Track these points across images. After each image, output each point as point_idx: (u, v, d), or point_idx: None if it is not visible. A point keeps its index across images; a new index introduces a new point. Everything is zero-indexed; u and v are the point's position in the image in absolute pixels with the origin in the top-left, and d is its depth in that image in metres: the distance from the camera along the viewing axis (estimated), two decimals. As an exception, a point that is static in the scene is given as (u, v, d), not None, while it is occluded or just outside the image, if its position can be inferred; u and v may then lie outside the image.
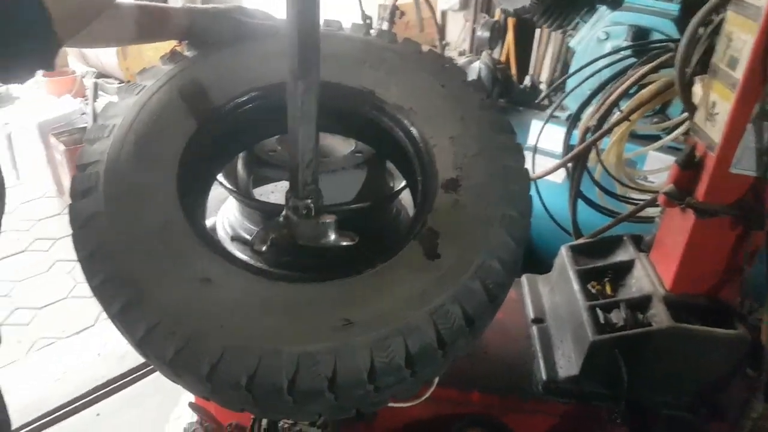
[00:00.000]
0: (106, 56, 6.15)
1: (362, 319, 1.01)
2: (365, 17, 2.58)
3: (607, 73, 1.77)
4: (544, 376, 1.52)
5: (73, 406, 2.66)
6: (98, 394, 2.71)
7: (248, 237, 1.49)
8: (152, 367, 1.22)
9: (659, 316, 1.41)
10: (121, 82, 6.13)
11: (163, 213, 1.13)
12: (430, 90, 1.31)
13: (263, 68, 1.29)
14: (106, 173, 1.15)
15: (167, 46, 1.42)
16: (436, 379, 1.42)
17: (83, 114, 4.91)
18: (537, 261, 1.95)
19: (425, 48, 1.42)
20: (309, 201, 1.16)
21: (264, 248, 1.19)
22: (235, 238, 1.51)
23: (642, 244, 1.65)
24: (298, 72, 1.08)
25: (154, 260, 1.06)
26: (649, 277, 1.53)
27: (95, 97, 4.84)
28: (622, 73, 1.69)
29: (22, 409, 2.64)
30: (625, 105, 1.65)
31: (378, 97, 1.33)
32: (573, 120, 1.79)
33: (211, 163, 1.38)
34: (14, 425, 2.57)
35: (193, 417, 1.55)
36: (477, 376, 1.55)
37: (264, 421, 1.44)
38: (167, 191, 1.16)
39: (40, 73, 6.78)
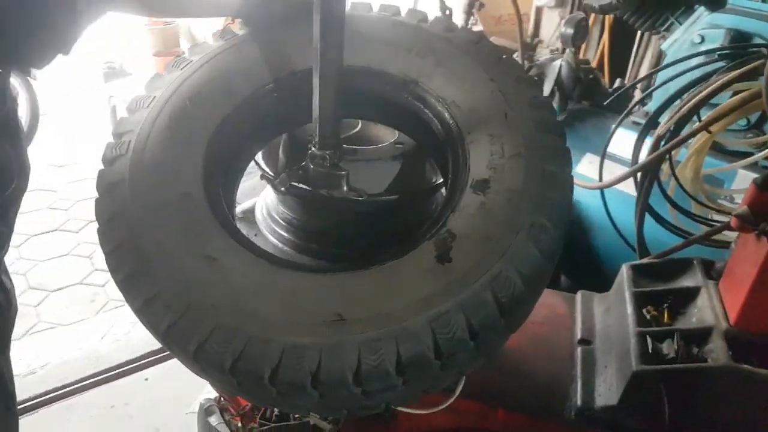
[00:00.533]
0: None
1: (356, 317, 0.95)
2: (444, 8, 2.49)
3: (689, 77, 1.59)
4: (579, 402, 1.39)
5: (122, 369, 2.76)
6: (148, 360, 2.81)
7: (280, 220, 1.47)
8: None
9: (717, 353, 1.26)
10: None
11: (183, 187, 1.12)
12: (478, 83, 1.22)
13: (307, 51, 1.24)
14: (137, 143, 1.17)
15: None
16: (458, 389, 1.35)
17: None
18: (603, 277, 1.80)
19: (485, 38, 1.33)
20: (327, 152, 1.23)
21: (283, 189, 1.30)
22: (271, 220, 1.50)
23: (712, 271, 1.48)
24: (320, 31, 1.13)
25: (165, 233, 1.06)
26: (714, 308, 1.37)
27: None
28: (708, 77, 1.51)
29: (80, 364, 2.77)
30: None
31: (421, 86, 1.26)
32: (646, 126, 1.63)
33: (246, 143, 1.36)
34: (68, 379, 2.72)
35: (213, 393, 1.54)
36: (506, 392, 1.45)
37: (277, 409, 1.41)
38: (191, 166, 1.16)
39: (149, 51, 7.14)
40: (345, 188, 1.24)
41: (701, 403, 1.25)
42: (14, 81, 5.05)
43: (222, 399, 1.50)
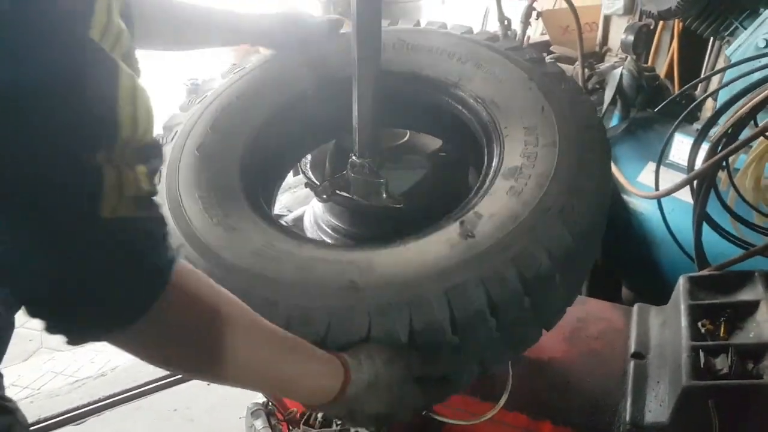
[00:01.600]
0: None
1: (370, 284, 0.95)
2: (503, 18, 2.49)
3: (750, 80, 1.52)
4: (628, 418, 1.35)
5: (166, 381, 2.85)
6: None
7: (326, 228, 1.50)
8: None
9: (774, 369, 1.19)
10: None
11: (218, 176, 1.19)
12: (517, 83, 1.23)
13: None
14: (181, 133, 1.26)
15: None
16: (503, 400, 1.34)
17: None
18: (664, 290, 1.74)
19: (524, 46, 1.35)
20: (366, 160, 1.26)
21: (325, 197, 1.34)
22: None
23: (775, 284, 1.41)
24: (358, 36, 1.16)
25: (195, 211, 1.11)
26: (773, 322, 1.30)
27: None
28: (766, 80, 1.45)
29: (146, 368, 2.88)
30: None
31: (461, 87, 1.28)
32: (702, 131, 1.57)
33: (289, 144, 1.43)
34: (135, 382, 2.83)
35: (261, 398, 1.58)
36: (553, 405, 1.42)
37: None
38: (231, 158, 1.23)
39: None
40: (384, 196, 1.26)
41: (754, 421, 1.19)
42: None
43: (269, 404, 1.53)
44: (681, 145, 2.11)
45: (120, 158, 0.67)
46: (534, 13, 2.61)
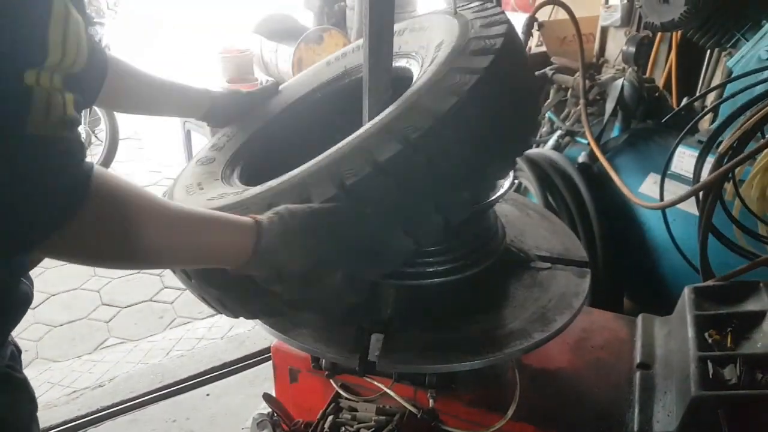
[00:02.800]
0: (283, 66, 6.57)
1: None
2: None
3: (754, 93, 1.53)
4: (636, 428, 1.34)
5: (185, 384, 2.85)
6: (210, 375, 2.89)
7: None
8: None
9: (782, 379, 1.19)
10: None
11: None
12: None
13: None
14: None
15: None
16: (511, 411, 1.35)
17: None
18: (667, 300, 1.74)
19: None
20: None
21: None
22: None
23: (780, 294, 1.41)
24: (369, 46, 1.22)
25: None
26: (780, 332, 1.30)
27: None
28: (773, 93, 1.46)
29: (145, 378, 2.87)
30: (771, 131, 1.42)
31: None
32: (708, 143, 1.58)
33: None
34: (134, 393, 2.80)
35: (266, 409, 1.57)
36: (560, 415, 1.41)
37: (329, 420, 1.42)
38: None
39: (224, 77, 7.46)
40: None
41: (764, 431, 1.19)
42: (97, 108, 5.37)
43: (275, 414, 1.53)
44: (682, 157, 2.12)
45: (47, 82, 0.73)
46: (535, 24, 2.61)
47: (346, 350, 1.21)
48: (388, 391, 1.35)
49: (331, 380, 1.42)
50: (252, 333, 3.18)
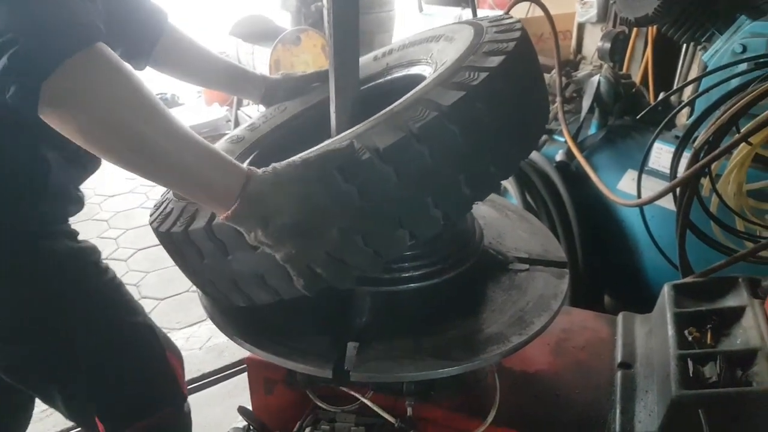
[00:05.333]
0: (261, 69, 6.52)
1: None
2: (479, 27, 2.47)
3: (729, 87, 1.53)
4: (617, 429, 1.33)
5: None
6: (189, 387, 2.80)
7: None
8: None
9: (762, 376, 1.18)
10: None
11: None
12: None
13: None
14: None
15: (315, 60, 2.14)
16: (491, 416, 1.33)
17: (228, 121, 5.23)
18: (648, 297, 1.73)
19: None
20: None
21: None
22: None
23: (759, 289, 1.40)
24: (334, 46, 1.20)
25: None
26: (759, 328, 1.29)
27: (239, 106, 5.13)
28: (747, 86, 1.45)
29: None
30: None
31: None
32: (683, 138, 1.57)
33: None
34: None
35: (242, 423, 1.53)
36: (541, 419, 1.39)
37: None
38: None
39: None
40: None
41: (745, 429, 1.18)
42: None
43: (251, 427, 1.49)
44: (659, 152, 2.12)
45: None
46: (510, 22, 2.59)
47: (320, 361, 1.17)
48: (365, 400, 1.32)
49: (308, 391, 1.39)
50: (231, 343, 3.11)
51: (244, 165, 0.98)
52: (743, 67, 1.74)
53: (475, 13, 2.52)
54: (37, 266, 1.32)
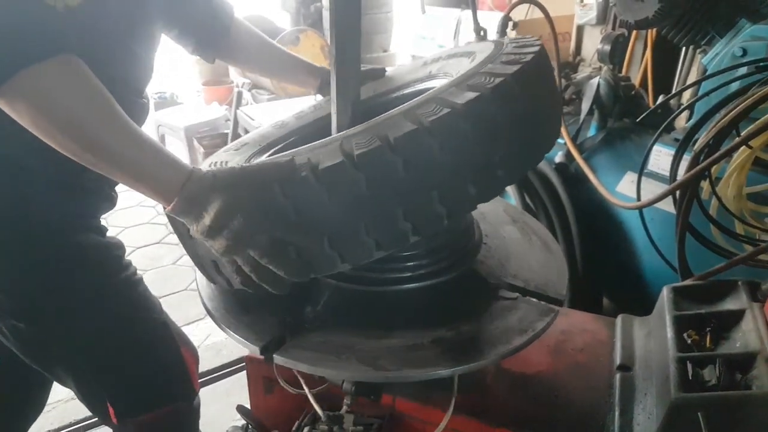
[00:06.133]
0: (260, 69, 6.52)
1: None
2: (479, 29, 2.48)
3: (729, 90, 1.53)
4: (616, 431, 1.33)
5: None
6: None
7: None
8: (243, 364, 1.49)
9: (762, 379, 1.18)
10: (272, 93, 6.47)
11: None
12: None
13: None
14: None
15: (314, 60, 1.89)
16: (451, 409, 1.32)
17: (227, 120, 5.23)
18: (647, 300, 1.74)
19: None
20: None
21: None
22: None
23: (758, 292, 1.40)
24: (335, 48, 1.19)
25: None
26: (759, 331, 1.29)
27: (238, 105, 5.13)
28: (748, 90, 1.45)
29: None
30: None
31: None
32: (683, 141, 1.57)
33: None
34: (88, 411, 2.74)
35: (240, 421, 1.53)
36: (540, 420, 1.39)
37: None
38: None
39: (199, 81, 7.41)
40: None
41: (744, 433, 1.17)
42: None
43: (249, 426, 1.49)
44: (658, 155, 2.12)
45: None
46: (510, 24, 2.60)
47: (255, 337, 1.20)
48: (309, 394, 1.35)
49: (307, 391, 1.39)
50: (229, 341, 3.13)
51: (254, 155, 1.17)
52: (743, 70, 1.74)
53: (475, 14, 2.52)
54: (64, 257, 1.41)
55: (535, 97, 1.13)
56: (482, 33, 2.52)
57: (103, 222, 1.54)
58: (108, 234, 1.54)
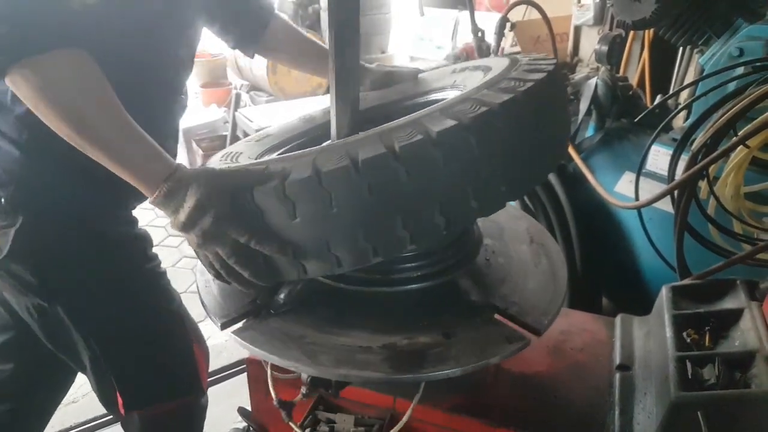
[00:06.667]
0: (258, 71, 6.52)
1: None
2: (476, 30, 2.49)
3: (726, 90, 1.53)
4: (616, 431, 1.33)
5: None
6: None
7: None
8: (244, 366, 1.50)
9: (761, 378, 1.18)
10: (270, 95, 6.47)
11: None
12: None
13: None
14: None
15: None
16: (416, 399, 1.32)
17: (226, 122, 5.23)
18: (646, 299, 1.74)
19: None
20: None
21: None
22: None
23: (757, 291, 1.41)
24: (335, 50, 1.19)
25: None
26: (758, 330, 1.29)
27: (237, 107, 5.13)
28: (745, 89, 1.46)
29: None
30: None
31: None
32: (681, 141, 1.58)
33: None
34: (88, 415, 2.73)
35: (241, 423, 1.54)
36: (539, 420, 1.40)
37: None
38: None
39: (197, 82, 7.41)
40: None
41: (744, 431, 1.18)
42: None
43: (250, 428, 1.49)
44: (656, 155, 2.13)
45: None
46: (508, 25, 2.61)
47: (221, 314, 1.27)
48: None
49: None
50: (229, 343, 3.13)
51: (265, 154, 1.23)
52: (740, 70, 1.75)
53: (473, 15, 2.53)
54: (93, 246, 1.47)
55: (543, 117, 1.13)
56: (480, 34, 2.52)
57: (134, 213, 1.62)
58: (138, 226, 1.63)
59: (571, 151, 2.35)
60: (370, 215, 1.00)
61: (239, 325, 1.25)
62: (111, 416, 2.70)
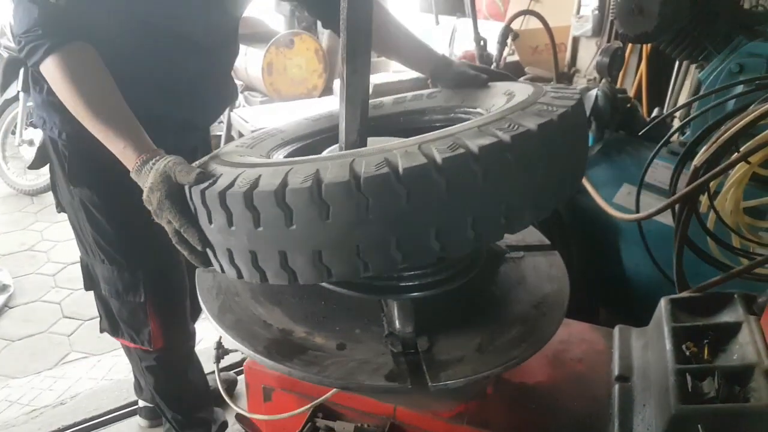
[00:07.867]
0: (253, 71, 6.50)
1: None
2: (479, 39, 2.50)
3: (727, 107, 1.55)
4: (616, 443, 1.34)
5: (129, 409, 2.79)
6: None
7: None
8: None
9: (760, 392, 1.19)
10: (265, 96, 6.45)
11: None
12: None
13: None
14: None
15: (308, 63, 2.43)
16: None
17: (220, 122, 5.21)
18: (643, 311, 1.75)
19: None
20: None
21: None
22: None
23: (754, 306, 1.42)
24: (346, 54, 1.20)
25: None
26: (756, 344, 1.30)
27: (231, 107, 5.11)
28: (747, 107, 1.47)
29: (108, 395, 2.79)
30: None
31: None
32: (683, 156, 1.59)
33: None
34: (97, 410, 2.72)
35: (239, 430, 1.53)
36: (539, 428, 1.40)
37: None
38: None
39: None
40: None
41: (743, 445, 1.19)
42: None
43: (246, 432, 1.49)
44: (654, 168, 2.14)
45: None
46: (510, 34, 2.62)
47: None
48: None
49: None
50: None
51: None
52: (740, 86, 1.77)
53: (475, 24, 2.54)
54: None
55: (573, 143, 1.15)
56: (482, 43, 2.54)
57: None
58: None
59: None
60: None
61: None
62: (99, 420, 2.70)
